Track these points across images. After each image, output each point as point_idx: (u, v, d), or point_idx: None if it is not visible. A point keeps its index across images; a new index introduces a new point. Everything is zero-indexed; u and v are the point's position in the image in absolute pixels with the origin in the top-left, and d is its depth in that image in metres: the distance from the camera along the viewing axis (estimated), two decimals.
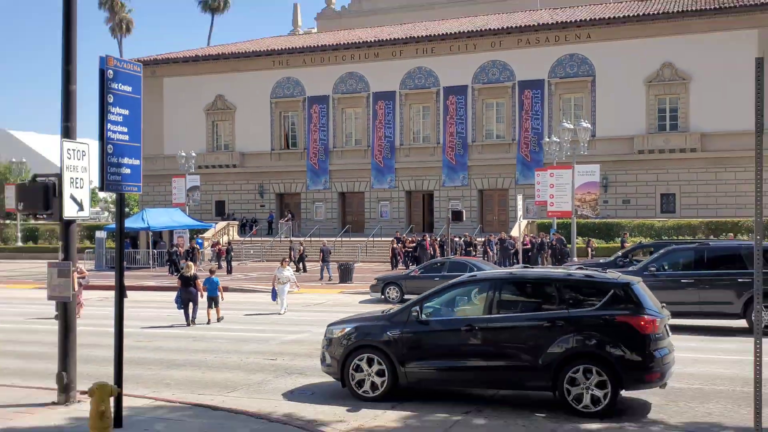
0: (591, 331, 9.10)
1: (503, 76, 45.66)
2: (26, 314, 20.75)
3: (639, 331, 8.96)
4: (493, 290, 9.82)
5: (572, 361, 9.04)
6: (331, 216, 49.37)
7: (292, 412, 9.36)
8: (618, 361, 8.92)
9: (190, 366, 12.81)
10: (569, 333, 9.13)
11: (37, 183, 9.48)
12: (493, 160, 45.73)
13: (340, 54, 49.12)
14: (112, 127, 8.23)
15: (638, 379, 9.01)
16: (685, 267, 16.51)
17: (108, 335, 11.16)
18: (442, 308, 10.12)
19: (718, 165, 41.26)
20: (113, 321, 8.52)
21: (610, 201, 42.09)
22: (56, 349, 9.84)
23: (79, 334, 9.92)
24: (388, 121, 48.01)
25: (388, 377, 9.77)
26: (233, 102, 51.77)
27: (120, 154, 8.37)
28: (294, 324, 17.73)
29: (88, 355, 12.44)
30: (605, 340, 9.01)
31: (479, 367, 9.58)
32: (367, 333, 10.11)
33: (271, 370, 12.34)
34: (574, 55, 44.14)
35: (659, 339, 9.09)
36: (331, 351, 10.27)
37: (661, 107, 42.88)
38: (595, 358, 9.00)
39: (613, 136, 42.87)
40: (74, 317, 9.61)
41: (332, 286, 28.20)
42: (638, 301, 9.18)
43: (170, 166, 48.35)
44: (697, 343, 14.49)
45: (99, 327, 16.17)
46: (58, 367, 9.52)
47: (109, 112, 8.19)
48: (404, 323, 9.93)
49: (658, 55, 42.24)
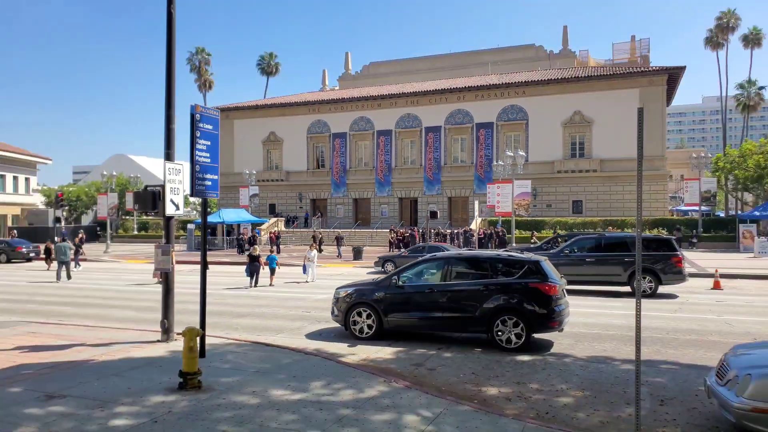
0: (512, 293, 9.15)
1: (465, 119, 45.54)
2: (138, 281, 20.78)
3: (545, 293, 9.03)
4: (447, 265, 9.90)
5: (499, 314, 9.13)
6: (347, 215, 49.23)
7: (319, 347, 9.38)
8: (531, 313, 9.01)
9: (250, 316, 12.82)
10: (497, 294, 9.20)
11: (148, 191, 9.50)
12: (458, 177, 45.61)
13: (354, 104, 48.97)
14: (198, 152, 8.24)
15: (543, 325, 9.10)
16: (588, 250, 16.54)
17: (195, 295, 11.18)
18: (413, 277, 10.08)
19: (611, 181, 41.16)
20: (199, 285, 8.55)
21: (538, 205, 41.97)
22: (159, 304, 9.86)
23: (175, 294, 9.89)
24: (387, 150, 47.87)
25: (375, 324, 9.89)
26: (281, 136, 51.60)
27: (204, 171, 8.38)
28: (322, 288, 17.80)
29: (181, 308, 12.49)
30: (522, 299, 9.07)
31: (437, 317, 9.58)
32: (362, 294, 10.14)
33: (306, 319, 12.35)
34: (514, 105, 44.02)
35: (559, 299, 9.17)
36: (338, 306, 10.34)
37: (572, 141, 42.75)
38: (515, 311, 9.08)
39: (540, 161, 42.75)
40: (173, 281, 9.58)
41: (348, 262, 28.27)
42: (545, 273, 9.25)
43: (238, 180, 48.31)
44: (596, 302, 14.49)
45: (189, 289, 16.20)
46: (161, 316, 9.55)
47: (197, 143, 8.20)
48: (387, 287, 10.00)
49: (571, 105, 42.16)
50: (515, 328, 9.02)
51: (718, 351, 8.69)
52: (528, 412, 6.25)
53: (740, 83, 58.38)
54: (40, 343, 9.43)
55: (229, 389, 6.76)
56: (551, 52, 56.31)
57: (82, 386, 6.89)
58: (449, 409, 6.09)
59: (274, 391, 6.70)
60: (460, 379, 7.58)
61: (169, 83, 9.29)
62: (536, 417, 6.08)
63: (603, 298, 15.21)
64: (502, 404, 6.55)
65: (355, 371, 7.61)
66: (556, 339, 9.90)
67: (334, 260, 29.01)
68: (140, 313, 13.30)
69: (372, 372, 7.60)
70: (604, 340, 9.89)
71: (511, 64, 55.20)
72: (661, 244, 16.13)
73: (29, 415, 5.87)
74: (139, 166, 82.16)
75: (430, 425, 5.60)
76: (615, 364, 8.28)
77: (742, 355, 5.79)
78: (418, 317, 9.68)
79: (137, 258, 31.70)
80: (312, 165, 50.87)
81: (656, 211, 39.71)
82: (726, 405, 5.24)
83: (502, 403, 6.61)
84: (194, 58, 65.11)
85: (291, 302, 14.89)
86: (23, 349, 9.00)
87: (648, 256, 15.28)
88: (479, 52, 58.53)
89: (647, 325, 10.49)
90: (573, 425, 5.88)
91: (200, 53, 65.12)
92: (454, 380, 7.54)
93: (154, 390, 6.72)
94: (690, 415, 6.13)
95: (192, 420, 5.71)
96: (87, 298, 16.21)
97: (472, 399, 6.69)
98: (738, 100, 58.84)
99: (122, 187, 51.66)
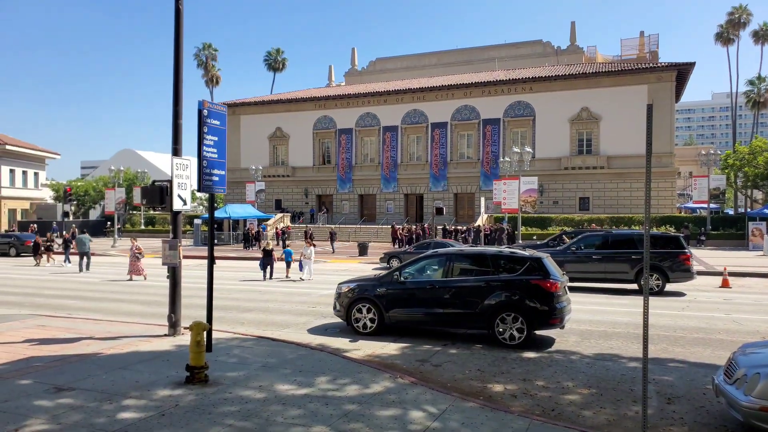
0: (514, 289, 9.10)
1: (472, 115, 45.34)
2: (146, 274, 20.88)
3: (546, 290, 8.96)
4: (448, 261, 9.83)
5: (500, 310, 9.09)
6: (353, 210, 49.23)
7: (323, 342, 9.40)
8: (532, 310, 8.96)
9: (256, 311, 12.85)
10: (499, 291, 9.15)
11: (156, 186, 9.51)
12: (464, 173, 45.46)
13: (360, 100, 48.87)
14: (206, 148, 8.25)
15: (544, 322, 9.04)
16: (595, 247, 16.41)
17: (201, 289, 11.23)
18: (414, 273, 10.02)
19: (619, 178, 40.87)
20: (206, 279, 8.58)
21: (545, 202, 41.80)
22: (166, 299, 9.90)
23: (183, 289, 9.92)
24: (393, 146, 47.77)
25: (377, 319, 9.89)
26: (287, 132, 51.62)
27: (211, 166, 8.39)
28: (328, 283, 17.80)
29: (187, 303, 12.55)
30: (523, 296, 9.02)
31: (438, 313, 9.55)
32: (364, 289, 10.13)
33: (311, 314, 12.37)
34: (521, 102, 43.77)
35: (560, 296, 9.09)
36: (340, 301, 10.34)
37: (580, 138, 42.47)
38: (516, 308, 9.03)
39: (547, 157, 42.52)
40: (180, 276, 9.60)
41: (353, 257, 28.31)
42: (546, 270, 9.17)
43: (244, 175, 48.43)
44: (603, 300, 14.41)
45: (196, 284, 16.26)
46: (168, 310, 9.60)
47: (204, 138, 8.21)
48: (389, 283, 9.99)
49: (578, 101, 41.85)
50: (516, 325, 8.99)
51: (726, 350, 8.63)
52: (534, 409, 6.24)
53: (750, 79, 57.80)
54: (49, 336, 9.52)
55: (236, 383, 6.79)
56: (559, 48, 55.88)
57: (91, 379, 6.94)
58: (455, 405, 6.09)
59: (280, 385, 6.73)
60: (465, 376, 7.57)
61: (177, 79, 9.29)
62: (542, 414, 6.07)
63: (609, 296, 15.12)
64: (508, 401, 6.53)
65: (360, 366, 7.62)
66: (562, 336, 9.86)
67: (332, 255, 29.04)
68: (147, 308, 13.38)
69: (377, 367, 7.60)
70: (610, 338, 9.83)
71: (519, 60, 54.88)
72: (668, 241, 16.00)
73: (39, 407, 5.94)
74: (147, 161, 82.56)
75: (436, 421, 5.60)
76: (622, 362, 8.24)
77: (751, 353, 5.74)
78: (420, 313, 9.66)
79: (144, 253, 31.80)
80: (318, 161, 50.87)
81: (664, 208, 39.43)
82: (734, 404, 5.20)
83: (507, 399, 6.59)
84: (201, 53, 65.21)
85: (296, 297, 14.90)
86: (33, 342, 9.09)
87: (656, 254, 15.18)
88: (486, 48, 58.19)
89: (654, 323, 10.44)
90: (579, 423, 5.85)
91: (207, 49, 65.20)
92: (460, 377, 7.53)
93: (162, 383, 6.76)
94: (697, 414, 6.09)
95: (199, 414, 5.74)
96: (94, 292, 16.33)
97: (478, 395, 6.68)
98: (748, 97, 58.24)
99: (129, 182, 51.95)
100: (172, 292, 9.48)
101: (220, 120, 8.54)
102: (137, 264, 19.10)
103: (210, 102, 8.50)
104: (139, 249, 19.27)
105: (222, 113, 8.64)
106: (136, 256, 19.12)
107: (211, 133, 8.32)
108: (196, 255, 27.38)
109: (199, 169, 8.16)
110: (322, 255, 28.98)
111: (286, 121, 51.39)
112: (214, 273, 8.64)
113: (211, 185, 8.42)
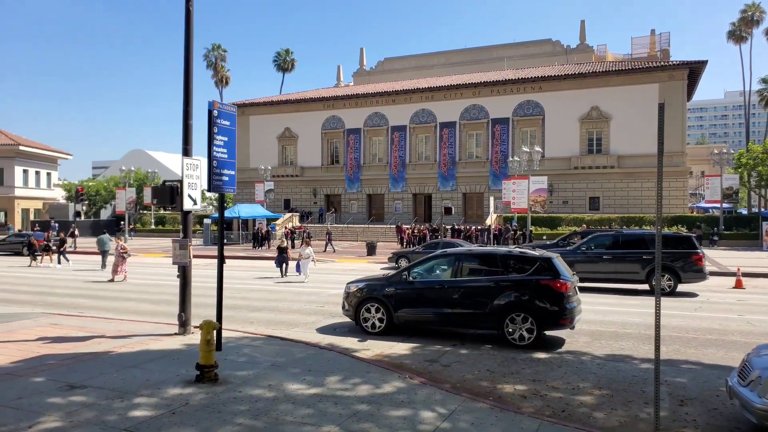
0: (523, 290, 9.02)
1: (481, 115, 45.20)
2: (156, 274, 21.02)
3: (556, 290, 8.88)
4: (457, 261, 9.78)
5: (510, 310, 9.02)
6: (361, 210, 49.29)
7: (332, 342, 9.41)
8: (542, 310, 8.88)
9: (266, 310, 12.89)
10: (508, 291, 9.08)
11: (166, 186, 9.58)
12: (473, 173, 45.33)
13: (368, 100, 48.93)
14: (216, 148, 8.29)
15: (554, 322, 8.97)
16: (606, 247, 16.27)
17: (211, 289, 11.28)
18: (423, 273, 9.99)
19: (629, 178, 40.54)
20: (216, 279, 8.62)
21: (554, 201, 41.58)
22: (176, 298, 9.95)
23: (192, 288, 9.97)
24: (401, 146, 47.76)
25: (386, 319, 9.86)
26: (296, 132, 51.80)
27: (221, 166, 8.43)
28: (336, 283, 17.81)
29: (197, 302, 12.61)
30: (533, 296, 8.94)
31: (447, 313, 9.50)
32: (373, 289, 10.11)
33: (320, 313, 12.39)
34: (530, 101, 43.55)
35: (570, 296, 9.00)
36: (349, 301, 10.33)
37: (590, 137, 42.19)
38: (526, 308, 8.95)
39: (557, 156, 42.29)
40: (190, 275, 9.64)
41: (362, 257, 28.31)
42: (556, 271, 9.09)
43: (254, 175, 48.71)
44: (613, 300, 14.30)
45: (206, 283, 16.32)
46: (178, 309, 9.65)
47: (214, 139, 8.25)
48: (398, 283, 9.96)
49: (588, 100, 41.57)
50: (526, 325, 8.93)
51: (739, 351, 8.52)
52: (544, 410, 6.20)
53: (764, 78, 57.10)
54: (62, 334, 9.62)
55: (245, 382, 6.82)
56: (568, 47, 55.49)
57: (103, 377, 7.01)
58: (465, 405, 6.06)
59: (289, 385, 6.74)
60: (475, 376, 7.54)
61: (187, 79, 9.35)
62: (552, 415, 6.02)
63: (620, 296, 14.99)
64: (518, 402, 6.50)
65: (369, 366, 7.62)
66: (573, 336, 9.79)
67: (337, 255, 29.07)
68: (157, 306, 13.48)
69: (387, 367, 7.60)
70: (621, 339, 9.75)
71: (528, 59, 54.57)
72: (680, 241, 15.83)
73: (52, 404, 6.00)
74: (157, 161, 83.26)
75: (446, 422, 5.58)
76: (633, 363, 8.16)
77: (766, 355, 5.65)
78: (429, 313, 9.62)
79: (154, 252, 32.11)
80: (326, 161, 50.99)
81: (675, 208, 39.03)
82: (748, 406, 5.13)
83: (518, 400, 6.56)
84: (211, 54, 65.65)
85: (305, 297, 14.92)
86: (46, 340, 9.19)
87: (667, 254, 15.02)
88: (495, 47, 57.91)
89: (666, 324, 10.33)
90: (590, 424, 5.81)
91: (216, 50, 65.61)
92: (470, 377, 7.51)
93: (172, 382, 6.81)
94: (710, 416, 6.02)
95: (209, 412, 5.77)
96: (105, 291, 16.48)
97: (488, 396, 6.65)
98: (761, 95, 57.49)
99: (140, 182, 52.40)
100: (182, 292, 9.53)
101: (229, 120, 8.58)
102: (122, 264, 18.77)
103: (220, 102, 8.54)
104: (124, 249, 19.14)
105: (232, 114, 8.68)
106: (122, 256, 18.89)
107: (221, 134, 8.36)
108: (205, 254, 27.55)
109: (209, 169, 8.20)
110: (330, 255, 29.04)
111: (294, 121, 51.58)
112: (223, 272, 8.68)
113: (221, 185, 8.46)
